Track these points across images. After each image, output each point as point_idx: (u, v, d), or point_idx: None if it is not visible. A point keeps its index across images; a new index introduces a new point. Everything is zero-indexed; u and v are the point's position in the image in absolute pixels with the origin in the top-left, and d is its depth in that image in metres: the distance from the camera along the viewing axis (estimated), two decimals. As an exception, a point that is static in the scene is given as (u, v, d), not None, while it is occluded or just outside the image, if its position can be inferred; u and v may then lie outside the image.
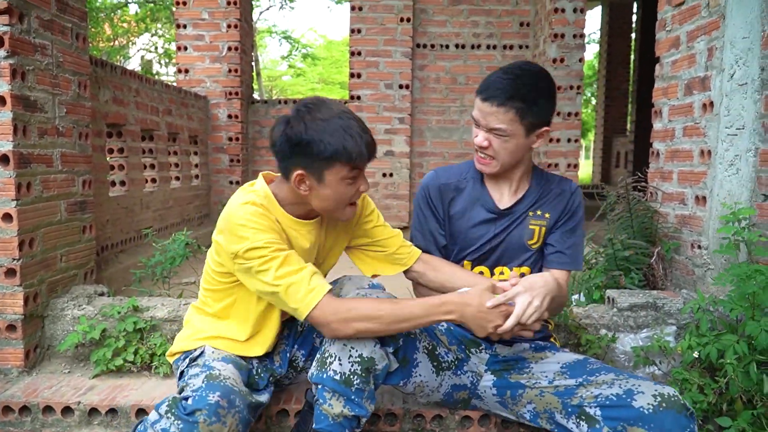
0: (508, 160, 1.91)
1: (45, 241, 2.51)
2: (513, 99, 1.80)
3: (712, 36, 2.56)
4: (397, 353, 1.81)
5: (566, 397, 1.77)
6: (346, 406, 1.70)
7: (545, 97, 1.85)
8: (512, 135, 1.85)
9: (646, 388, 1.65)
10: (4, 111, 2.28)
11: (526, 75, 1.83)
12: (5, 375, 2.39)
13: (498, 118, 1.83)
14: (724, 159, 2.48)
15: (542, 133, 1.90)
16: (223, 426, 1.62)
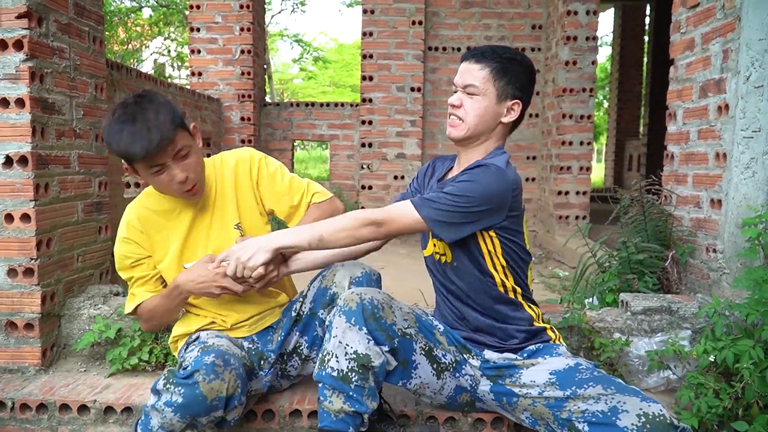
0: (475, 122, 1.92)
1: (62, 241, 2.53)
2: (489, 58, 1.91)
3: (727, 38, 2.55)
4: (395, 354, 1.83)
5: (556, 410, 1.76)
6: (346, 402, 1.74)
7: (522, 69, 1.93)
8: (484, 94, 1.91)
9: (631, 405, 1.63)
10: (23, 113, 2.31)
11: (504, 47, 1.96)
12: (23, 373, 2.41)
13: (473, 75, 1.92)
14: (740, 162, 2.46)
15: (513, 105, 1.94)
16: (222, 382, 1.72)
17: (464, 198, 1.80)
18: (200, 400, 1.68)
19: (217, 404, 1.72)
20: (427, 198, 1.85)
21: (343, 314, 1.77)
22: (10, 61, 2.29)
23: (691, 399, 2.03)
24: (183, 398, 1.68)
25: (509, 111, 1.94)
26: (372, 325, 1.76)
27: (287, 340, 2.13)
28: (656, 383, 2.32)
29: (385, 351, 1.79)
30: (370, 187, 6.93)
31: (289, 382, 2.23)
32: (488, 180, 1.82)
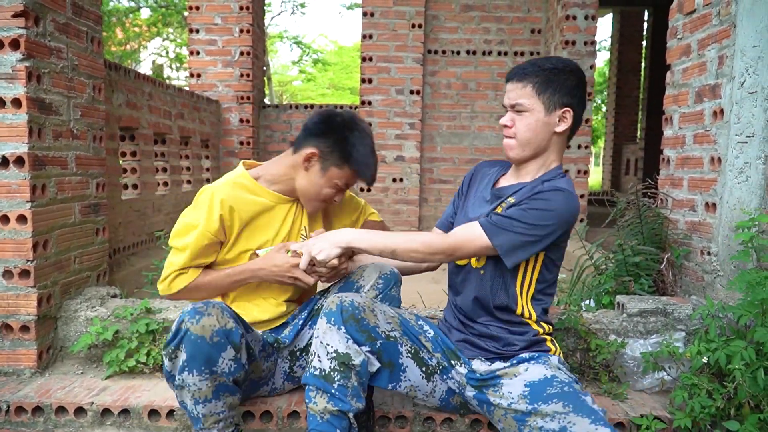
0: (528, 137, 1.93)
1: (59, 242, 2.53)
2: (530, 74, 1.91)
3: (722, 44, 2.57)
4: (380, 355, 1.85)
5: (520, 424, 1.78)
6: (330, 401, 1.76)
7: (566, 76, 1.91)
8: (531, 110, 1.91)
9: (579, 427, 1.65)
10: (19, 113, 2.31)
11: (546, 59, 1.95)
12: (18, 375, 2.41)
13: (517, 93, 1.92)
14: (734, 166, 2.48)
15: (564, 113, 1.92)
16: (210, 317, 1.74)
17: (540, 227, 1.84)
18: (199, 342, 1.71)
19: (220, 340, 1.74)
20: (497, 225, 1.85)
21: (324, 316, 1.82)
22: (7, 60, 2.29)
23: (685, 399, 2.05)
24: (185, 352, 1.71)
25: (561, 120, 1.93)
26: (352, 326, 1.79)
27: (301, 334, 2.19)
28: (651, 384, 2.33)
29: (365, 351, 1.81)
30: (369, 189, 6.94)
31: (292, 385, 2.24)
32: (563, 206, 1.85)
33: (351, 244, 1.91)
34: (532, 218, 1.83)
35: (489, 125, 7.05)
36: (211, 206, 2.00)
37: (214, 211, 2.00)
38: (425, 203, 7.16)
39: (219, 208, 2.00)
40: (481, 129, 7.08)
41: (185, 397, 1.78)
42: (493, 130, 7.03)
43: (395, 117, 6.88)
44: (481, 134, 7.09)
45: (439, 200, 7.18)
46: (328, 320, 1.80)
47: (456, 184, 7.09)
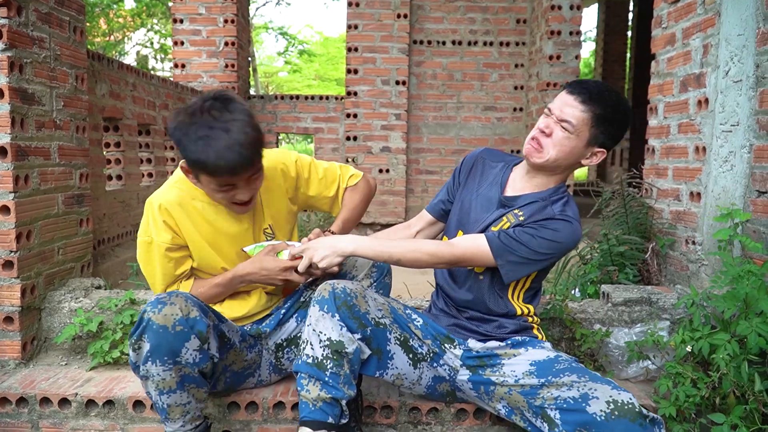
0: (558, 157, 1.90)
1: (42, 233, 2.51)
2: (596, 103, 1.85)
3: (707, 33, 2.58)
4: (369, 342, 1.86)
5: (530, 397, 1.79)
6: (323, 389, 1.75)
7: (622, 120, 1.89)
8: (577, 134, 1.87)
9: (602, 393, 1.65)
10: (1, 103, 2.28)
11: (616, 94, 1.89)
12: (2, 367, 2.39)
13: (573, 113, 1.86)
14: (719, 155, 2.49)
15: (598, 152, 1.92)
16: (173, 305, 1.71)
17: (544, 255, 1.87)
18: (161, 332, 1.68)
19: (183, 329, 1.70)
20: (505, 245, 1.86)
21: (317, 303, 1.81)
22: (-11, 50, 2.26)
23: (669, 388, 2.06)
24: (149, 342, 1.68)
25: (592, 156, 1.92)
26: (345, 313, 1.79)
27: (286, 325, 2.17)
28: (636, 373, 2.35)
29: (357, 339, 1.81)
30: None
31: (279, 376, 2.24)
32: (569, 239, 1.89)
33: (354, 252, 1.89)
34: (538, 246, 1.85)
35: (475, 116, 7.05)
36: (153, 217, 1.95)
37: (158, 220, 1.95)
38: (411, 194, 7.16)
39: (160, 215, 1.95)
40: (467, 120, 7.08)
41: (150, 388, 1.76)
42: (479, 121, 7.04)
43: (381, 108, 6.86)
44: (467, 125, 7.09)
45: (426, 191, 7.18)
46: (320, 308, 1.80)
47: (443, 174, 7.10)
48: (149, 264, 1.99)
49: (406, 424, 2.16)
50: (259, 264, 1.98)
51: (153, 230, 1.95)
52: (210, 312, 1.86)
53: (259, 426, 2.15)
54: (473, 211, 2.05)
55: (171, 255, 1.98)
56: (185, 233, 1.99)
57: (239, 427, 2.15)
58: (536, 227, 1.86)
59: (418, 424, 2.15)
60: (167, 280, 2.00)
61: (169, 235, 1.96)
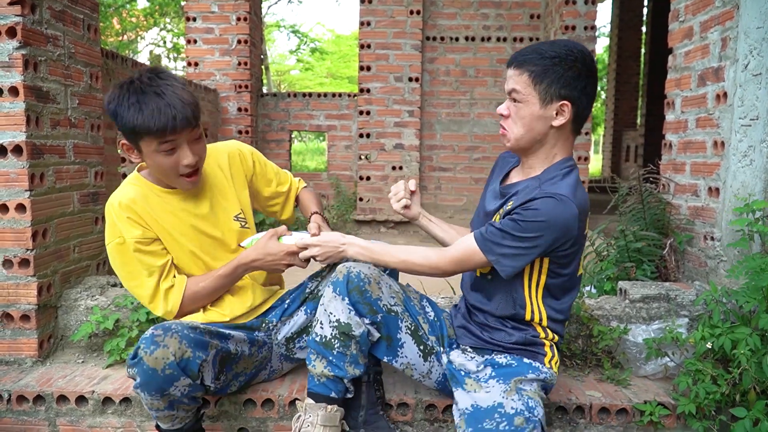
0: (521, 131, 1.81)
1: (58, 231, 2.52)
2: (529, 62, 1.77)
3: (725, 26, 2.54)
4: (379, 328, 1.89)
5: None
6: (327, 367, 1.85)
7: (566, 67, 1.74)
8: (526, 101, 1.78)
9: None
10: (16, 102, 2.29)
11: (551, 44, 1.79)
12: (19, 365, 2.40)
13: (514, 80, 1.80)
14: (738, 150, 2.46)
15: (561, 107, 1.77)
16: (165, 348, 1.69)
17: (528, 239, 1.72)
18: (151, 373, 1.67)
19: (172, 372, 1.69)
20: (489, 239, 1.77)
21: (331, 284, 1.87)
22: (3, 48, 2.26)
23: (689, 385, 2.04)
24: (139, 377, 1.69)
25: (559, 113, 1.78)
26: (355, 297, 1.84)
27: (294, 318, 2.18)
28: (654, 370, 2.32)
29: (366, 323, 1.86)
30: (368, 177, 6.92)
31: (291, 364, 2.25)
32: (552, 215, 1.70)
33: (355, 258, 1.93)
34: (519, 230, 1.72)
35: (488, 112, 7.01)
36: (117, 216, 1.92)
37: (122, 217, 1.91)
38: (425, 191, 7.14)
39: (123, 212, 1.91)
40: (481, 116, 7.05)
41: (141, 399, 1.78)
42: (492, 117, 7.00)
43: (394, 104, 6.85)
44: (480, 121, 7.06)
45: (439, 188, 7.16)
46: (334, 289, 1.86)
47: (456, 171, 7.08)
48: (127, 265, 1.94)
49: (422, 422, 2.15)
50: (263, 250, 1.98)
51: (121, 229, 1.91)
52: (212, 339, 1.84)
53: (275, 423, 2.14)
54: (485, 204, 2.01)
55: (147, 249, 1.93)
56: (153, 227, 1.96)
57: (255, 424, 2.15)
58: (518, 211, 1.74)
59: (434, 421, 2.14)
60: (155, 273, 1.94)
61: (139, 230, 1.92)
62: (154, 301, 1.96)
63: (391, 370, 2.32)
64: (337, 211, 6.96)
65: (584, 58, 1.78)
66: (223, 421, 2.13)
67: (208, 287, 2.00)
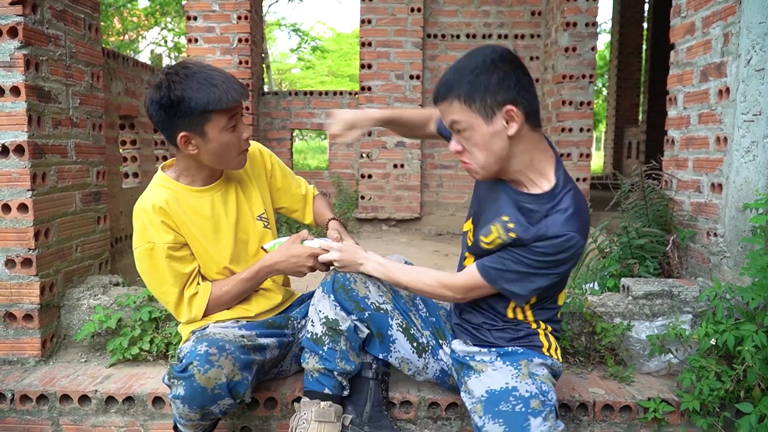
0: (484, 157, 1.69)
1: (60, 231, 2.52)
2: (453, 87, 1.65)
3: (728, 21, 2.53)
4: (369, 325, 1.95)
5: (476, 429, 1.72)
6: (319, 362, 1.92)
7: (490, 74, 1.62)
8: (470, 127, 1.66)
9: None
10: (18, 101, 2.29)
11: (464, 58, 1.68)
12: (22, 364, 2.40)
13: (449, 113, 1.68)
14: (741, 146, 2.45)
15: (507, 113, 1.62)
16: (219, 369, 1.71)
17: (544, 276, 1.71)
18: (200, 391, 1.68)
19: (220, 392, 1.71)
20: (499, 269, 1.73)
21: (320, 286, 1.99)
22: (5, 48, 2.26)
23: (693, 382, 2.04)
24: (185, 391, 1.69)
25: (509, 121, 1.64)
26: (341, 295, 1.92)
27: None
28: (657, 367, 2.32)
29: (353, 319, 1.92)
30: (370, 176, 6.92)
31: (298, 366, 2.24)
32: (564, 255, 1.67)
33: (371, 273, 1.94)
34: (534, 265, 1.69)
35: (490, 110, 6.99)
36: (150, 220, 1.89)
37: (155, 221, 1.89)
38: (426, 189, 7.13)
39: (157, 216, 1.89)
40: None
41: (174, 409, 1.78)
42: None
43: (395, 102, 6.84)
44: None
45: (441, 186, 7.15)
46: (322, 290, 1.96)
47: (458, 169, 7.06)
48: (155, 271, 1.91)
49: (425, 420, 2.14)
50: (287, 252, 1.99)
51: (153, 234, 1.88)
52: (255, 355, 1.85)
53: (278, 422, 2.15)
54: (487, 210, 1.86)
55: (176, 254, 1.92)
56: (184, 231, 1.95)
57: (258, 423, 2.15)
58: (531, 251, 1.68)
59: (437, 419, 2.14)
60: (180, 281, 1.93)
61: (171, 236, 1.90)
62: (179, 309, 1.96)
63: (393, 369, 2.31)
64: (339, 210, 6.95)
65: (500, 56, 1.66)
66: (226, 419, 2.13)
67: (231, 292, 2.00)
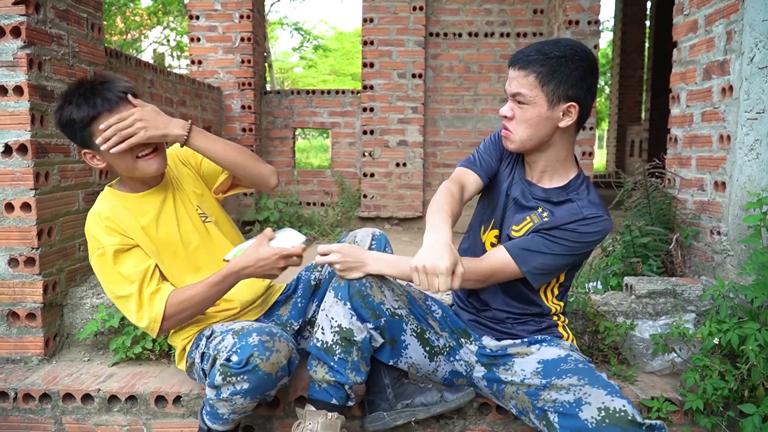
0: (528, 134, 1.80)
1: (63, 230, 2.52)
2: (534, 63, 1.73)
3: (730, 19, 2.53)
4: (383, 332, 1.87)
5: (533, 398, 1.76)
6: (328, 372, 1.83)
7: (572, 67, 1.72)
8: (532, 102, 1.75)
9: (595, 398, 1.61)
10: (21, 101, 2.29)
11: (554, 44, 1.75)
12: (25, 363, 2.41)
13: (519, 82, 1.76)
14: (744, 144, 2.44)
15: (569, 108, 1.75)
16: (278, 353, 1.75)
17: (578, 254, 1.82)
18: (266, 378, 1.73)
19: (282, 374, 1.79)
20: (530, 249, 1.80)
21: (332, 290, 1.86)
22: (8, 48, 2.27)
23: (697, 381, 2.03)
24: (250, 383, 1.72)
25: (566, 114, 1.77)
26: (357, 302, 1.81)
27: (307, 308, 2.22)
28: (661, 366, 2.31)
29: (369, 328, 1.83)
30: (372, 174, 6.91)
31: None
32: (601, 234, 1.81)
33: (380, 272, 1.85)
34: (564, 250, 1.80)
35: (492, 108, 6.99)
36: (97, 227, 1.89)
37: (101, 227, 1.88)
38: (429, 188, 7.13)
39: (102, 222, 1.89)
40: (485, 112, 7.03)
41: (223, 407, 1.79)
42: (496, 113, 6.97)
43: (397, 101, 6.84)
44: (484, 117, 7.04)
45: (443, 184, 7.13)
46: (335, 294, 1.84)
47: (460, 168, 7.04)
48: (111, 273, 1.88)
49: (428, 419, 2.14)
50: (255, 255, 1.88)
51: (100, 239, 1.88)
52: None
53: (281, 420, 2.14)
54: (508, 210, 1.95)
55: (126, 254, 1.89)
56: (132, 235, 1.92)
57: (261, 422, 2.15)
58: (565, 231, 1.79)
59: (440, 418, 2.14)
60: (136, 277, 1.87)
61: (117, 238, 1.89)
62: (140, 310, 1.87)
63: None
64: (341, 208, 6.94)
65: (588, 57, 1.76)
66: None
67: (197, 295, 1.89)
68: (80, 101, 1.80)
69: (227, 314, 2.06)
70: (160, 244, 1.98)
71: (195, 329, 2.04)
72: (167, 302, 1.86)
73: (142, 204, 1.99)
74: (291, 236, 1.97)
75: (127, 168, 1.90)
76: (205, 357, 1.89)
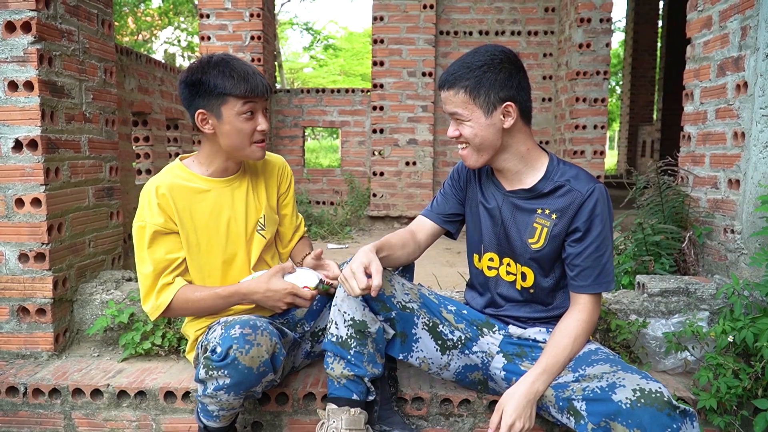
0: (480, 145, 1.82)
1: (73, 226, 2.52)
2: (461, 78, 1.78)
3: (745, 15, 2.49)
4: (393, 325, 1.88)
5: (559, 391, 1.73)
6: (346, 367, 1.82)
7: (496, 71, 1.76)
8: (470, 118, 1.79)
9: (629, 381, 1.58)
10: (31, 96, 2.29)
11: (474, 54, 1.80)
12: (35, 358, 2.41)
13: (453, 102, 1.81)
14: (759, 141, 2.41)
15: (506, 109, 1.78)
16: (259, 347, 1.72)
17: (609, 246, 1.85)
18: (246, 373, 1.71)
19: (265, 369, 1.75)
20: (602, 274, 1.83)
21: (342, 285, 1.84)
22: (18, 43, 2.27)
23: (710, 380, 2.01)
24: (231, 378, 1.70)
25: (506, 115, 1.79)
26: (368, 295, 1.79)
27: (322, 314, 2.22)
28: (674, 365, 2.29)
29: (380, 320, 1.85)
30: (382, 173, 6.90)
31: (308, 361, 2.27)
32: (610, 213, 1.85)
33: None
34: (603, 248, 1.82)
35: (503, 107, 6.95)
36: (149, 199, 1.92)
37: (152, 202, 1.91)
38: (438, 187, 7.10)
39: (155, 198, 1.91)
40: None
41: (211, 404, 1.79)
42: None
43: (408, 100, 6.82)
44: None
45: (453, 184, 7.11)
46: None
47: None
48: (140, 249, 1.92)
49: (437, 416, 2.13)
50: (266, 284, 1.91)
51: (147, 213, 1.91)
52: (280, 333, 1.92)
53: (290, 417, 2.14)
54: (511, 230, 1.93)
55: (163, 238, 1.93)
56: (179, 218, 1.94)
57: (269, 418, 2.14)
58: (595, 224, 1.81)
59: (449, 415, 2.12)
60: (159, 265, 1.91)
61: (162, 219, 1.91)
62: (149, 294, 1.92)
63: (405, 365, 2.30)
64: (351, 207, 6.94)
65: (509, 57, 1.81)
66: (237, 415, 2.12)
67: (202, 300, 1.92)
68: (236, 75, 1.87)
69: (242, 308, 2.06)
70: (203, 230, 2.00)
71: (209, 320, 2.04)
72: (174, 297, 1.91)
73: (207, 186, 2.01)
74: (307, 276, 1.99)
75: (237, 146, 1.95)
76: (202, 348, 1.91)
